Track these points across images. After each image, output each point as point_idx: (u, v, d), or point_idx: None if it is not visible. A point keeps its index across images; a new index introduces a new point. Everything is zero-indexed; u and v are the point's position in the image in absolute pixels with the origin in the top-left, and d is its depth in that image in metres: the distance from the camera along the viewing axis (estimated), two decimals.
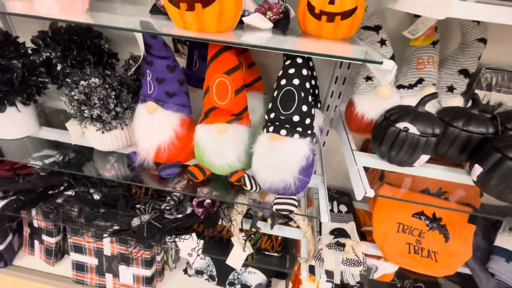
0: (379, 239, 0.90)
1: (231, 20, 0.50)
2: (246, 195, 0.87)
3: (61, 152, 0.90)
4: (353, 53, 0.48)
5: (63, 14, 0.52)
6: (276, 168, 0.60)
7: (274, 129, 0.58)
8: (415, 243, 0.89)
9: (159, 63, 0.61)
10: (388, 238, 0.89)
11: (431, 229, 0.89)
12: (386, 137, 0.64)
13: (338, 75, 0.88)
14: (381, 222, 0.90)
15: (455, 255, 0.86)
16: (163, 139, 0.67)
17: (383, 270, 0.94)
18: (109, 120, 0.68)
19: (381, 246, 0.89)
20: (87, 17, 0.56)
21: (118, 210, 0.74)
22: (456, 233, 0.88)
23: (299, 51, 0.48)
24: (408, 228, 0.90)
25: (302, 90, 0.57)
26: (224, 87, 0.62)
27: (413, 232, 0.90)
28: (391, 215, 0.91)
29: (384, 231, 0.90)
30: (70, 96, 0.65)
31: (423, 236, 0.89)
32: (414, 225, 0.90)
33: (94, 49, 0.81)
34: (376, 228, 0.90)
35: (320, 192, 0.71)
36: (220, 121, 0.64)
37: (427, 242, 0.89)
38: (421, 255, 0.87)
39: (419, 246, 0.88)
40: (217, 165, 0.67)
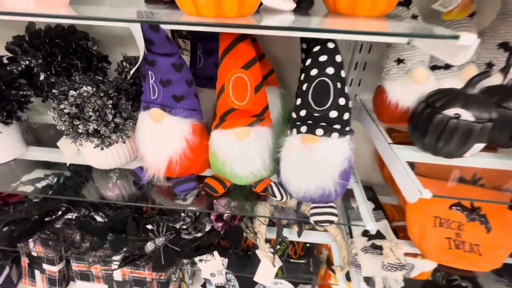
0: (416, 236, 0.82)
1: (254, 1, 0.40)
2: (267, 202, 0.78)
3: (55, 174, 0.80)
4: (408, 29, 0.40)
5: (41, 9, 0.42)
6: (313, 174, 0.51)
7: (308, 129, 0.49)
8: (455, 237, 0.82)
9: (163, 62, 0.51)
10: (425, 234, 0.82)
11: (471, 220, 0.82)
12: (431, 127, 0.56)
13: (358, 61, 0.79)
14: (416, 218, 0.83)
15: (499, 246, 0.79)
16: (174, 150, 0.58)
17: (420, 268, 0.87)
18: (108, 134, 0.58)
19: (418, 244, 0.82)
20: (70, 11, 0.45)
21: (128, 235, 0.65)
22: (497, 222, 0.81)
23: (351, 31, 0.38)
24: (446, 221, 0.83)
25: (337, 80, 0.48)
26: (242, 84, 0.53)
27: (451, 225, 0.83)
28: (427, 209, 0.83)
29: (420, 227, 0.82)
30: (59, 110, 0.55)
31: (463, 229, 0.82)
32: (452, 217, 0.83)
33: (81, 53, 0.70)
34: (411, 224, 0.83)
35: (356, 194, 0.63)
36: (240, 124, 0.55)
37: (467, 234, 0.82)
38: (463, 249, 0.80)
39: (459, 240, 0.81)
40: (240, 175, 0.58)
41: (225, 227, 0.72)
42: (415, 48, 0.63)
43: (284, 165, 0.54)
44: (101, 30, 0.84)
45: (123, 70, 0.72)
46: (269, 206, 0.79)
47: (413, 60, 0.63)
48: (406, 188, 0.53)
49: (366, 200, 0.61)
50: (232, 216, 0.74)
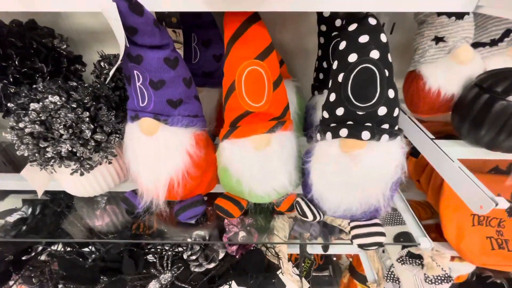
0: (453, 237, 0.73)
1: None
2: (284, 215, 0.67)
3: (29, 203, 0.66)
4: None
5: None
6: (357, 188, 0.40)
7: (350, 133, 0.38)
8: (496, 235, 0.73)
9: (153, 57, 0.38)
10: (464, 235, 0.73)
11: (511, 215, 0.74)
12: (490, 116, 0.45)
13: None
14: (452, 218, 0.74)
15: None
16: (174, 168, 0.46)
17: (457, 272, 0.78)
18: (88, 155, 0.45)
19: (456, 246, 0.73)
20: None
21: (126, 275, 0.53)
22: None
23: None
24: (485, 219, 0.74)
25: (384, 66, 0.37)
26: (259, 78, 0.41)
27: (491, 223, 0.74)
28: (463, 206, 0.73)
29: (457, 227, 0.73)
30: (18, 129, 0.42)
31: (504, 225, 0.74)
32: (491, 213, 0.74)
33: (46, 54, 0.56)
34: (447, 225, 0.74)
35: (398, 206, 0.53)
36: (258, 131, 0.43)
37: (509, 232, 0.73)
38: (508, 249, 0.71)
39: (502, 239, 0.73)
40: (260, 194, 0.46)
41: (240, 251, 0.61)
42: (457, 23, 0.52)
43: (317, 179, 0.43)
44: (70, 24, 0.70)
45: (101, 72, 0.59)
46: (287, 219, 0.68)
47: (455, 37, 0.52)
48: (470, 197, 0.43)
49: (411, 209, 0.51)
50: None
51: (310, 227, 0.71)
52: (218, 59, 0.60)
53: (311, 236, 0.74)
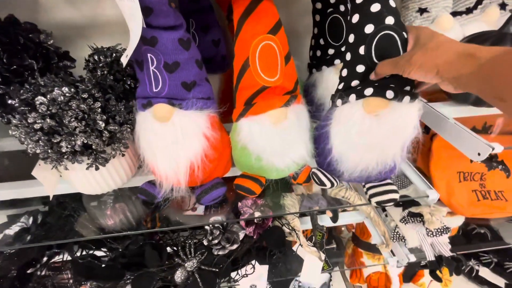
0: (444, 195, 0.80)
1: None
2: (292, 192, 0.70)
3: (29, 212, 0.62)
4: None
5: None
6: (376, 148, 0.43)
7: (376, 91, 0.40)
8: (480, 188, 0.82)
9: (168, 38, 0.38)
10: (453, 192, 0.80)
11: (491, 168, 0.83)
12: None
13: None
14: (442, 177, 0.81)
15: None
16: (194, 153, 0.46)
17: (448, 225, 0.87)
18: (102, 148, 0.44)
19: (448, 202, 0.80)
20: None
21: (150, 268, 0.52)
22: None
23: None
24: (469, 175, 0.82)
25: (401, 29, 0.39)
26: (272, 53, 0.42)
27: (474, 177, 0.82)
28: (450, 166, 0.81)
29: (447, 185, 0.81)
30: (25, 126, 0.39)
31: (485, 179, 0.82)
32: (474, 169, 0.82)
33: (34, 50, 0.53)
34: (438, 184, 0.80)
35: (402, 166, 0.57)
36: (275, 105, 0.44)
37: (490, 183, 0.82)
38: (490, 198, 0.80)
39: (485, 190, 0.81)
40: (281, 168, 0.48)
41: (258, 231, 0.62)
42: None
43: (339, 142, 0.45)
44: (50, 19, 0.65)
45: (96, 66, 0.56)
46: (296, 196, 0.71)
47: (437, 7, 0.57)
48: (468, 147, 0.47)
49: (413, 168, 0.55)
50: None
51: (318, 201, 0.74)
52: (217, 44, 0.60)
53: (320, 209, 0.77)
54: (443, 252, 0.67)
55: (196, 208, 0.64)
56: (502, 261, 0.99)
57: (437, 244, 0.68)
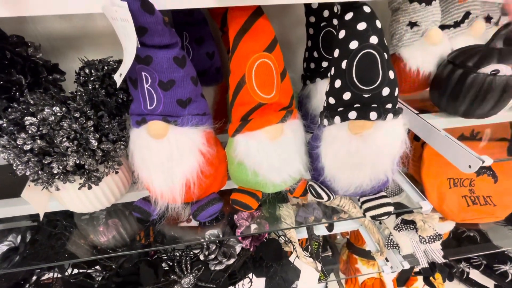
0: (435, 201, 0.82)
1: None
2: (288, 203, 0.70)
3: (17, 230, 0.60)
4: None
5: None
6: (367, 166, 0.44)
7: (359, 114, 0.41)
8: (469, 193, 0.84)
9: (163, 57, 0.38)
10: (444, 198, 0.82)
11: (479, 174, 0.85)
12: (465, 88, 0.52)
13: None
14: (433, 184, 0.83)
15: (507, 192, 0.84)
16: (189, 170, 0.45)
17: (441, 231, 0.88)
18: (95, 167, 0.43)
19: (439, 208, 0.82)
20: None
21: (145, 286, 0.51)
22: (501, 171, 0.86)
23: None
24: (459, 181, 0.84)
25: (383, 49, 0.40)
26: (268, 71, 0.42)
27: (464, 183, 0.85)
28: (440, 172, 0.83)
29: (438, 192, 0.83)
30: (14, 147, 0.38)
31: (474, 184, 0.85)
32: (463, 175, 0.85)
33: (22, 64, 0.51)
34: (430, 191, 0.82)
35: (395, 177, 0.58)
36: (271, 121, 0.44)
37: (479, 188, 0.84)
38: (480, 204, 0.82)
39: (474, 196, 0.84)
40: (278, 182, 0.48)
41: (254, 244, 0.62)
42: (427, 8, 0.58)
43: (329, 162, 0.46)
44: (38, 29, 0.64)
45: (87, 79, 0.55)
46: (291, 206, 0.71)
47: (427, 21, 0.58)
48: (459, 159, 0.49)
49: (407, 178, 0.56)
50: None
51: (313, 211, 0.75)
52: (211, 57, 0.60)
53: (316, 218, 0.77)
54: (436, 259, 0.69)
55: (191, 220, 0.64)
56: (491, 263, 1.02)
57: (430, 251, 0.70)
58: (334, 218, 0.79)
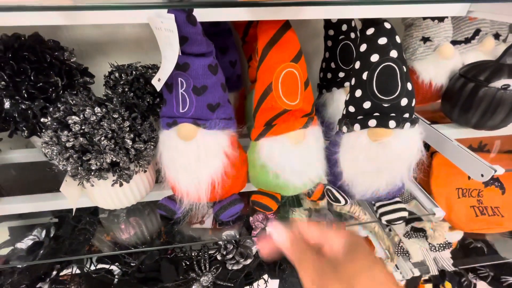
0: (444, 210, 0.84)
1: None
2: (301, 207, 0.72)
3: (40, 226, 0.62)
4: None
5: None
6: (384, 172, 0.46)
7: (378, 122, 0.44)
8: (477, 204, 0.85)
9: (199, 64, 0.41)
10: (453, 207, 0.83)
11: (487, 185, 0.87)
12: (476, 101, 0.55)
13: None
14: (442, 193, 0.84)
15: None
16: (215, 171, 0.48)
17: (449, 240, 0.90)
18: (128, 165, 0.45)
19: (448, 218, 0.83)
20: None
21: (166, 283, 0.52)
22: (509, 182, 0.87)
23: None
24: (467, 191, 0.86)
25: (402, 63, 0.43)
26: (293, 80, 0.45)
27: (472, 194, 0.86)
28: (449, 182, 0.85)
29: (447, 201, 0.84)
30: (56, 144, 0.41)
31: (482, 195, 0.86)
32: (471, 186, 0.86)
33: (59, 67, 0.54)
34: (438, 200, 0.84)
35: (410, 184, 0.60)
36: (294, 127, 0.47)
37: (487, 199, 0.86)
38: (488, 214, 0.84)
39: (482, 206, 0.85)
40: (298, 185, 0.50)
41: None
42: (439, 25, 0.61)
43: (348, 167, 0.48)
44: (71, 35, 0.67)
45: (116, 83, 0.59)
46: (303, 211, 0.73)
47: (439, 37, 0.61)
48: (471, 168, 0.51)
49: (419, 186, 0.59)
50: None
51: (326, 216, 0.76)
52: (234, 65, 0.63)
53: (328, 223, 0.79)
54: (446, 267, 0.70)
55: (204, 221, 0.66)
56: (498, 275, 1.02)
57: (439, 259, 0.71)
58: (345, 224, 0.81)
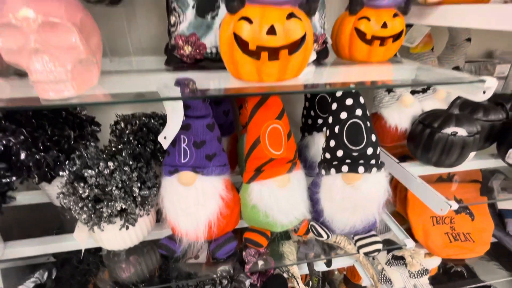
0: (421, 237, 0.91)
1: (306, 61, 0.43)
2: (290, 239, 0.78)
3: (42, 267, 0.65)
4: (438, 77, 0.47)
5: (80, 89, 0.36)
6: (358, 210, 0.54)
7: (350, 168, 0.52)
8: (450, 230, 0.93)
9: (199, 125, 0.49)
10: (429, 234, 0.91)
11: (458, 212, 0.95)
12: (433, 144, 0.65)
13: None
14: (418, 221, 0.92)
15: (483, 229, 0.93)
16: (211, 212, 0.54)
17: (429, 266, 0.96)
18: (134, 210, 0.51)
19: (425, 244, 0.90)
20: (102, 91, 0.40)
21: None
22: (476, 209, 0.96)
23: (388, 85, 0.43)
24: (441, 218, 0.94)
25: (366, 119, 0.53)
26: (277, 134, 0.54)
27: (445, 221, 0.94)
28: (424, 211, 0.93)
29: (423, 229, 0.92)
30: (73, 195, 0.47)
31: (454, 222, 0.95)
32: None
33: (72, 120, 0.62)
34: (416, 228, 0.91)
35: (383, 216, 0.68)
36: (280, 173, 0.55)
37: (459, 226, 0.94)
38: (460, 240, 0.91)
39: (455, 233, 0.93)
40: (285, 223, 0.57)
41: (261, 279, 0.68)
42: None
43: (328, 206, 0.56)
44: None
45: (122, 132, 0.66)
46: (292, 243, 0.78)
47: (401, 88, 0.73)
48: (433, 203, 0.59)
49: (393, 218, 0.66)
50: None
51: (313, 248, 0.82)
52: (227, 114, 0.72)
53: (315, 255, 0.84)
54: None
55: (199, 256, 0.70)
56: None
57: (419, 286, 0.77)
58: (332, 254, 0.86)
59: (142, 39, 0.70)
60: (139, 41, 0.71)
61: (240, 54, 0.36)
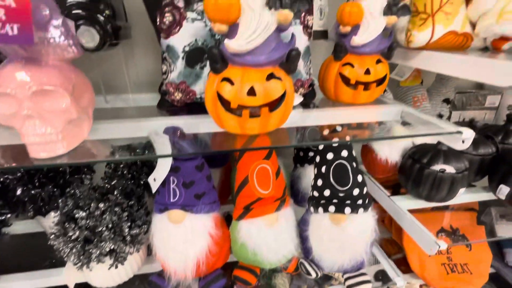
0: (417, 268, 0.90)
1: (289, 113, 0.44)
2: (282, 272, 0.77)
3: None
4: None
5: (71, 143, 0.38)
6: (346, 250, 0.54)
7: (337, 209, 0.53)
8: (447, 261, 0.92)
9: (187, 166, 0.51)
10: (425, 265, 0.90)
11: (455, 242, 0.94)
12: (423, 180, 0.65)
13: None
14: (414, 251, 0.91)
15: (481, 260, 0.92)
16: (200, 249, 0.55)
17: None
18: (124, 249, 0.52)
19: (421, 275, 0.89)
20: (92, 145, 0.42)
21: None
22: (473, 239, 0.95)
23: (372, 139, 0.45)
24: None
25: (352, 160, 0.54)
26: (265, 173, 0.55)
27: (441, 251, 0.93)
28: None
29: (419, 259, 0.90)
30: (64, 236, 0.48)
31: (451, 252, 0.93)
32: None
33: None
34: (411, 258, 0.90)
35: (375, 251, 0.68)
36: (268, 211, 0.55)
37: (456, 256, 0.92)
38: (458, 271, 0.90)
39: (452, 264, 0.91)
40: (274, 261, 0.57)
41: None
42: None
43: (316, 244, 0.56)
44: None
45: (117, 166, 0.67)
46: (286, 275, 0.78)
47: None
48: (422, 241, 0.59)
49: (385, 254, 0.66)
50: None
51: (306, 280, 0.81)
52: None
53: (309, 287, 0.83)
54: None
55: None
56: None
57: None
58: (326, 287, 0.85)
59: (140, 75, 0.73)
60: (136, 77, 0.74)
61: (223, 111, 0.38)
